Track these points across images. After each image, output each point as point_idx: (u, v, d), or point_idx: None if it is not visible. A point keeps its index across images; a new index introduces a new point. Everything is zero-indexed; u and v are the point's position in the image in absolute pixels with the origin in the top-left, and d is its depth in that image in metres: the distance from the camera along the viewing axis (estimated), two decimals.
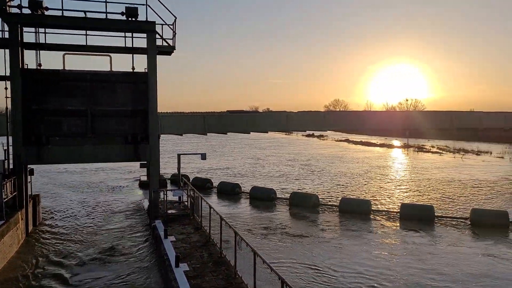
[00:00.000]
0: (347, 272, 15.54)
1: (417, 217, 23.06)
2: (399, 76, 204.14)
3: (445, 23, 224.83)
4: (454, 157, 58.52)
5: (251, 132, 32.67)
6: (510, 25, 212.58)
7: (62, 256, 17.09)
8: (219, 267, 13.54)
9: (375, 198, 29.17)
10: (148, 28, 19.87)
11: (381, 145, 79.54)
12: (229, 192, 30.83)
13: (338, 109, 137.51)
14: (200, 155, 26.05)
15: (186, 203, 22.55)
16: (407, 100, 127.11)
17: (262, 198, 28.43)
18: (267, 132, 34.55)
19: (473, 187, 34.05)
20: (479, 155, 60.64)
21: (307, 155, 60.19)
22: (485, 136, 72.89)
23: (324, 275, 15.23)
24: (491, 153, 61.80)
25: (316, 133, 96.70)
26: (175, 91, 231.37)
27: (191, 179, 33.33)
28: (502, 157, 56.61)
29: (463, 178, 38.63)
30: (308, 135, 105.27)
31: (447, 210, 25.74)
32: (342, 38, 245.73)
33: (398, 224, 22.52)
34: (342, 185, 34.94)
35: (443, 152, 66.01)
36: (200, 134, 30.11)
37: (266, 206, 27.00)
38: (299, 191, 30.10)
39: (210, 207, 16.45)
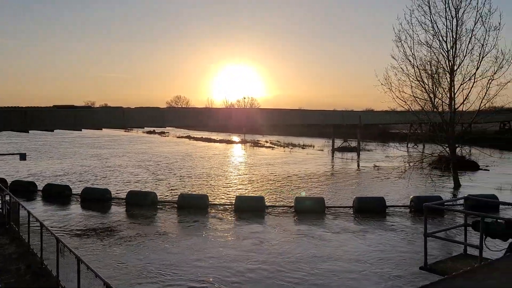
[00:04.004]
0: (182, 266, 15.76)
1: (250, 208, 24.66)
2: (239, 75, 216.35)
3: (278, 26, 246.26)
4: (284, 151, 64.73)
5: (83, 129, 30.39)
6: (333, 32, 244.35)
7: None
8: (38, 279, 12.20)
9: (218, 193, 30.22)
10: None
11: (221, 141, 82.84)
12: (58, 195, 28.03)
13: (180, 106, 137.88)
14: (18, 155, 23.04)
15: (1, 210, 19.63)
16: (244, 98, 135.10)
17: (96, 199, 26.67)
18: (101, 129, 32.56)
19: (300, 177, 38.15)
20: (304, 148, 68.45)
21: (153, 153, 58.42)
22: (310, 131, 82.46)
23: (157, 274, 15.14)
24: (313, 146, 70.29)
25: (157, 129, 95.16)
26: None
27: (9, 183, 29.17)
28: (322, 150, 64.96)
29: (292, 170, 42.94)
30: (149, 132, 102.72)
31: (279, 199, 28.21)
32: (185, 35, 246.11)
33: (232, 216, 23.74)
34: (190, 182, 35.04)
35: (275, 146, 72.47)
36: (20, 131, 26.66)
37: (100, 207, 25.40)
38: (136, 189, 29.15)
39: (29, 213, 14.70)
